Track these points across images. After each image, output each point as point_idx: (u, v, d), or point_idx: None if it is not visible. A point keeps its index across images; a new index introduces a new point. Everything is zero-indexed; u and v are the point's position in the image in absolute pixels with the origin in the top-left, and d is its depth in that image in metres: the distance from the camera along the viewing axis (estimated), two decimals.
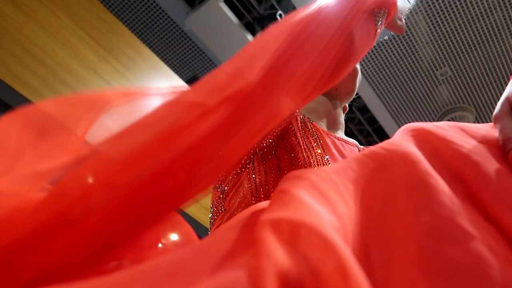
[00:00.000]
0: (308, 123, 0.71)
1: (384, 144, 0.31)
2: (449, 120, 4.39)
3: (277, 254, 0.20)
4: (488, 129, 0.29)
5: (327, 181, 0.27)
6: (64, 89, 2.29)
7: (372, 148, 0.31)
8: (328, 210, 0.24)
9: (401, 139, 0.31)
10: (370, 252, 0.24)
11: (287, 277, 0.19)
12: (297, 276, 0.19)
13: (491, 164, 0.26)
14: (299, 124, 0.69)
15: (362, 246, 0.24)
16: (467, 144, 0.28)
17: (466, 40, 4.08)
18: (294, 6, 4.09)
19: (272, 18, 4.14)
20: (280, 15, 4.10)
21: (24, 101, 2.11)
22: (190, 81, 4.87)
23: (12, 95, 2.08)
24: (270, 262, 0.19)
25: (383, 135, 5.25)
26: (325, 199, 0.25)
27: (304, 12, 0.40)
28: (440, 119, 4.60)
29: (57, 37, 2.34)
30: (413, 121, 4.64)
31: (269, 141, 0.67)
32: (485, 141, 0.28)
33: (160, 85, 2.94)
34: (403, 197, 0.26)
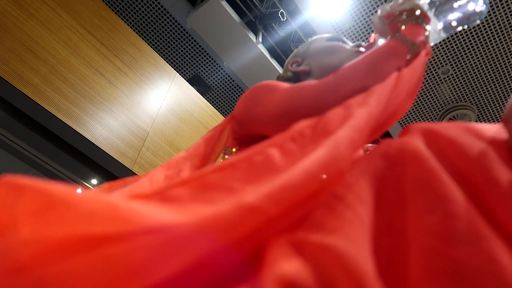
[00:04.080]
0: None
1: (394, 142, 0.31)
2: (450, 119, 4.36)
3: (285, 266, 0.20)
4: (496, 131, 0.29)
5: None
6: (65, 87, 2.29)
7: (382, 146, 0.31)
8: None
9: (410, 138, 0.31)
10: (377, 253, 0.24)
11: (290, 281, 0.19)
12: (304, 281, 0.19)
13: (499, 167, 0.25)
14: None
15: (371, 248, 0.24)
16: (475, 145, 0.27)
17: (468, 38, 4.06)
18: (296, 5, 4.08)
19: (274, 17, 4.13)
20: (282, 14, 4.09)
21: (25, 99, 2.11)
22: (191, 79, 4.87)
23: (13, 93, 2.08)
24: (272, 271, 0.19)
25: (384, 133, 5.23)
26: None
27: None
28: (441, 117, 4.58)
29: (59, 36, 2.33)
30: (415, 120, 4.59)
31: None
32: (494, 143, 0.27)
33: (162, 83, 2.94)
34: (410, 197, 0.26)
